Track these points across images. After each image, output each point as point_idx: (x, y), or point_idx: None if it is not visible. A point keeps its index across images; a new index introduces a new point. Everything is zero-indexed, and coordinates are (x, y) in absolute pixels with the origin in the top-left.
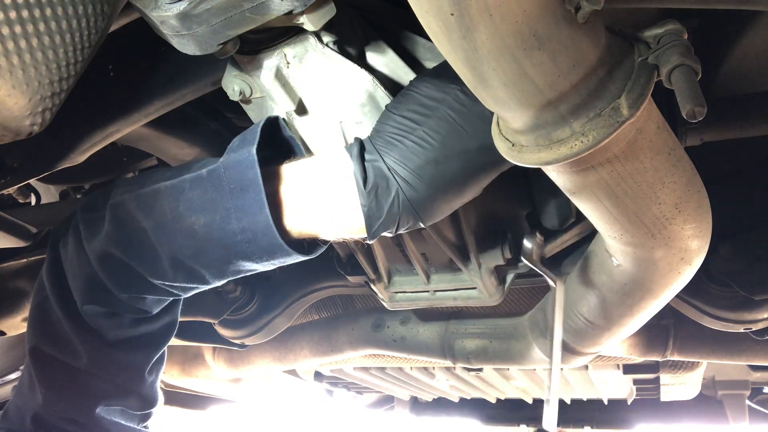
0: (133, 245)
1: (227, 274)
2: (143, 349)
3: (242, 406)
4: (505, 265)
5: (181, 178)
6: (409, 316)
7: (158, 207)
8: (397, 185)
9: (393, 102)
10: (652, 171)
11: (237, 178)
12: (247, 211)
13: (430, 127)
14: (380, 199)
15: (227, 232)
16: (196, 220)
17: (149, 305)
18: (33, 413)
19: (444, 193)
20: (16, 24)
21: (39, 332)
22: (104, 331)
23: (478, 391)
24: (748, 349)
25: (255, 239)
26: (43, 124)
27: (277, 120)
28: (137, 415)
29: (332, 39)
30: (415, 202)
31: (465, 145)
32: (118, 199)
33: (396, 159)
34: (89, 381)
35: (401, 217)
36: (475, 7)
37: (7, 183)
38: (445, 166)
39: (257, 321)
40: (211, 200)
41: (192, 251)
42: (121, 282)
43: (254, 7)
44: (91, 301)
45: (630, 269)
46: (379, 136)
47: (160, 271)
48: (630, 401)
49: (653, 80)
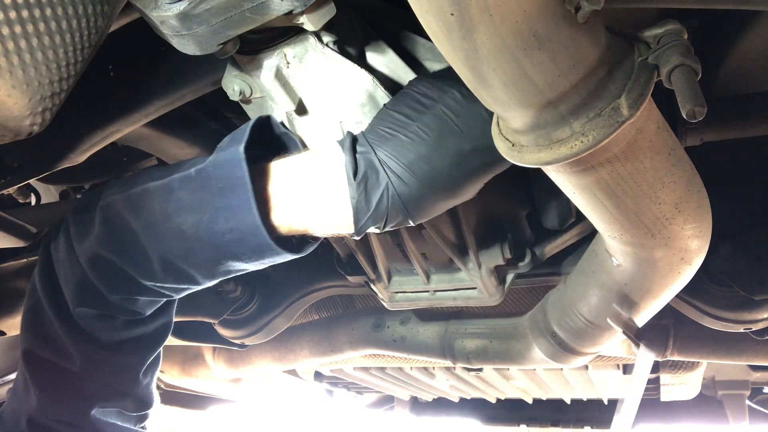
0: (124, 246)
1: (217, 274)
2: (137, 351)
3: (242, 406)
4: (505, 265)
5: (170, 178)
6: (409, 316)
7: (147, 207)
8: (387, 179)
9: (390, 100)
10: (652, 171)
11: (225, 177)
12: (235, 211)
13: (425, 124)
14: (369, 192)
15: (215, 232)
16: (185, 220)
17: (141, 307)
18: (28, 416)
19: (435, 191)
20: (16, 24)
21: (32, 335)
22: (97, 334)
23: (478, 391)
24: (748, 349)
25: (243, 239)
26: (43, 124)
27: (269, 119)
28: (134, 416)
29: (332, 39)
30: (405, 197)
31: (459, 145)
32: (108, 200)
33: (388, 153)
34: (83, 383)
35: (389, 212)
36: (475, 7)
37: (7, 183)
38: (438, 164)
39: (257, 321)
40: (200, 200)
41: (181, 252)
42: (111, 284)
43: (254, 7)
44: (83, 303)
45: (630, 269)
46: (372, 130)
47: (150, 272)
48: None
49: (653, 80)
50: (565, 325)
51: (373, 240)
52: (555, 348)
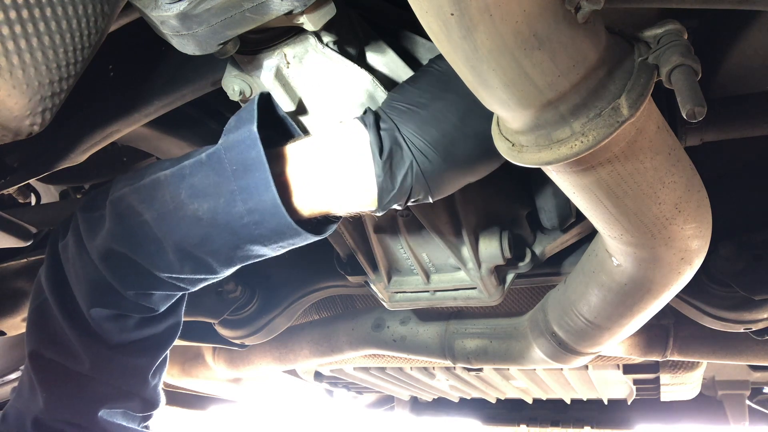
0: (137, 239)
1: (235, 260)
2: (147, 352)
3: (242, 406)
4: (505, 265)
5: (180, 165)
6: (409, 316)
7: (159, 197)
8: (412, 156)
9: (411, 77)
10: (652, 171)
11: (239, 159)
12: (252, 192)
13: (449, 101)
14: (394, 170)
15: (233, 215)
16: (199, 207)
17: (156, 302)
18: (33, 417)
19: (456, 169)
20: (16, 24)
21: (38, 336)
22: (109, 335)
23: (478, 391)
24: (748, 349)
25: (263, 221)
26: (43, 124)
27: (269, 96)
28: (138, 416)
29: (332, 39)
30: (429, 174)
31: (482, 125)
32: (118, 194)
33: (412, 130)
34: (91, 385)
35: (413, 189)
36: (475, 7)
37: (7, 183)
38: (461, 144)
39: (257, 321)
40: (214, 184)
41: (197, 239)
42: (126, 279)
43: (254, 7)
44: (97, 303)
45: (630, 269)
46: (392, 106)
47: (166, 263)
48: (630, 401)
49: (653, 80)
50: (565, 325)
51: (373, 240)
52: (555, 348)
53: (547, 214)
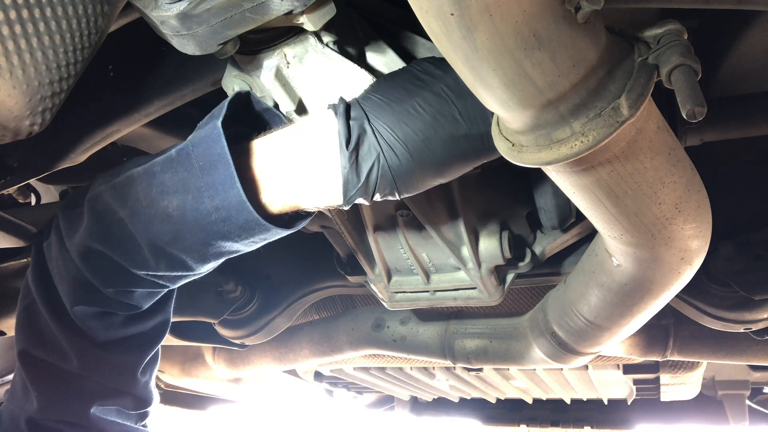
0: (113, 237)
1: (209, 257)
2: (135, 350)
3: (242, 406)
4: (505, 265)
5: (152, 162)
6: (409, 316)
7: (132, 194)
8: (380, 149)
9: (389, 73)
10: (652, 171)
11: (205, 154)
12: (218, 188)
13: (424, 99)
14: (360, 162)
15: (201, 212)
16: (169, 203)
17: (138, 300)
18: (27, 417)
19: (424, 168)
20: (16, 24)
21: (27, 336)
22: (95, 333)
23: (478, 391)
24: (748, 349)
25: (230, 217)
26: (43, 124)
27: (248, 95)
28: (133, 414)
29: (332, 39)
30: (396, 170)
31: (455, 127)
32: (95, 192)
33: (383, 123)
34: (81, 383)
35: (378, 185)
36: (475, 7)
37: (7, 183)
38: (432, 143)
39: (257, 321)
40: (182, 180)
41: (169, 236)
42: (105, 276)
43: (254, 7)
44: (80, 301)
45: (630, 269)
46: (367, 97)
47: (142, 260)
48: (630, 401)
49: (653, 80)
50: (565, 325)
51: (372, 240)
52: (555, 348)
53: (547, 214)
